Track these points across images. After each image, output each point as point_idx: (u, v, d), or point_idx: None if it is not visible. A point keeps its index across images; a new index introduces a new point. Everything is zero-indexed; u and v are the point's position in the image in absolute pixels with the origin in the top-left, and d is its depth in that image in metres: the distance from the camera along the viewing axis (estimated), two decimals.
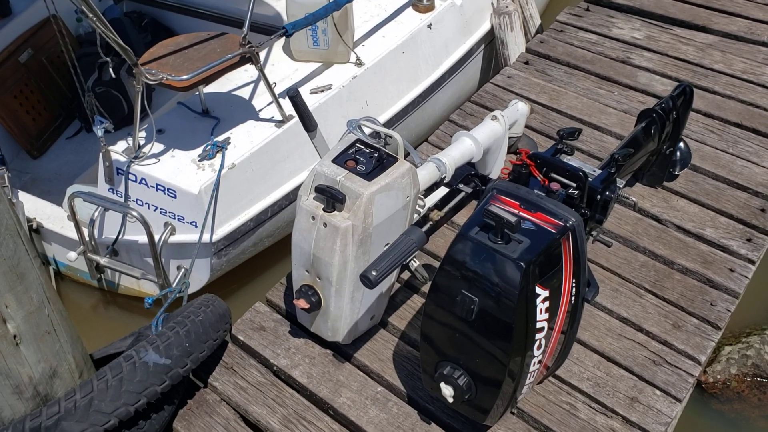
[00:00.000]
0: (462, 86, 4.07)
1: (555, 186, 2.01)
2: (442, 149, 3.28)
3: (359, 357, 2.47)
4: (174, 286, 3.20)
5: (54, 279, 3.56)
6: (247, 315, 2.63)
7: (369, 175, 2.18)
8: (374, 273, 1.91)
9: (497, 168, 3.06)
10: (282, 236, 3.50)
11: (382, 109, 3.58)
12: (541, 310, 1.91)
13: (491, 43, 4.01)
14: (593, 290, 2.04)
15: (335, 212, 2.18)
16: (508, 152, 3.07)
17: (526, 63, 3.75)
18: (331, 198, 2.15)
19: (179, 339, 2.17)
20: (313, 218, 2.20)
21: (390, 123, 3.59)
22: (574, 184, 2.08)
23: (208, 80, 3.03)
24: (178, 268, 3.26)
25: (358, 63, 3.45)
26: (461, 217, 2.49)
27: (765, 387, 2.86)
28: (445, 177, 2.65)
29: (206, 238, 3.08)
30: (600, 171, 2.17)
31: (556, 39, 3.88)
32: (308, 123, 2.27)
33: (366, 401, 2.34)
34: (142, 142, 3.18)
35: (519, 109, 3.02)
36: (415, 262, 2.65)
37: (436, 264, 2.76)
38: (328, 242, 2.18)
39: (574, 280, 1.98)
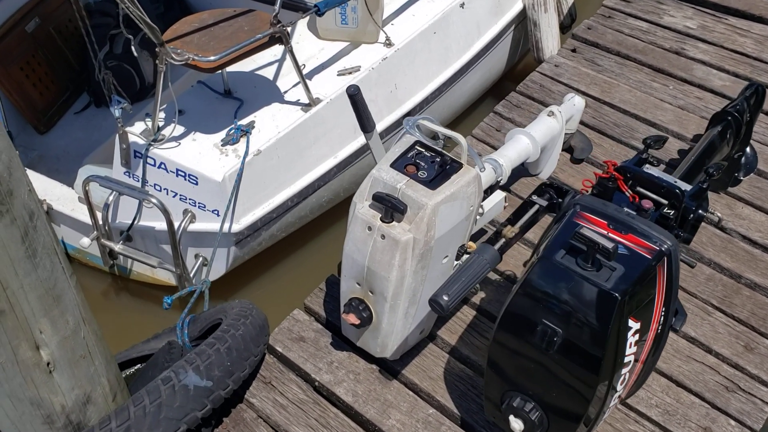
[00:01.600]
0: (491, 68, 3.87)
1: (647, 204, 1.80)
2: (487, 144, 3.07)
3: (408, 374, 2.28)
4: (194, 283, 3.02)
5: None
6: (285, 324, 2.44)
7: (432, 183, 1.98)
8: (446, 298, 1.71)
9: (550, 167, 2.86)
10: (304, 224, 3.31)
11: (411, 93, 3.38)
12: (630, 344, 1.72)
13: (522, 23, 3.79)
14: (681, 318, 1.86)
15: (394, 223, 1.98)
16: (562, 149, 2.86)
17: (574, 51, 3.52)
18: (392, 208, 1.94)
19: (220, 358, 1.97)
20: (370, 228, 1.99)
21: (418, 108, 3.39)
22: (666, 202, 1.87)
23: (234, 61, 2.81)
24: (196, 256, 3.08)
25: (388, 43, 3.23)
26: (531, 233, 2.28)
27: None
28: (501, 180, 2.45)
29: (227, 227, 2.89)
30: (690, 186, 1.96)
31: (605, 26, 3.64)
32: (366, 123, 2.06)
33: (417, 424, 2.16)
34: (161, 124, 2.98)
35: (576, 103, 2.81)
36: (461, 252, 2.45)
37: (494, 278, 2.56)
38: (386, 256, 1.98)
39: (663, 309, 1.79)
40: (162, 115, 3.01)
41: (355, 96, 1.97)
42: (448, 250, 2.08)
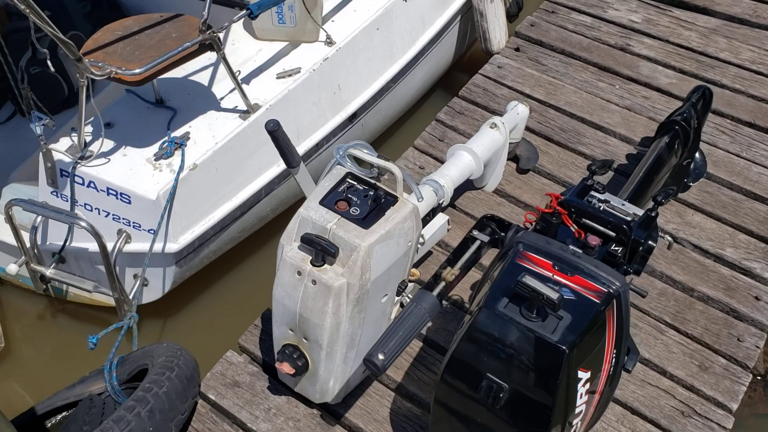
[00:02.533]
0: (438, 62, 3.73)
1: (593, 241, 1.68)
2: (430, 155, 2.93)
3: (351, 417, 2.14)
4: (133, 306, 2.84)
5: None
6: (218, 368, 2.27)
7: (365, 221, 1.82)
8: (381, 357, 1.57)
9: (495, 180, 2.73)
10: (249, 235, 3.13)
11: (355, 93, 3.23)
12: (581, 394, 1.61)
13: (467, 13, 3.65)
14: (633, 358, 1.75)
15: (326, 266, 1.82)
16: (508, 159, 2.73)
17: (517, 50, 3.39)
18: (322, 251, 1.79)
19: (141, 424, 1.80)
20: (300, 273, 1.83)
21: (363, 108, 3.25)
22: (613, 234, 1.75)
23: (163, 72, 2.61)
24: (135, 276, 2.88)
25: (329, 42, 3.06)
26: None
27: None
28: (443, 201, 2.31)
29: (165, 247, 2.71)
30: (639, 209, 1.84)
31: (548, 22, 3.51)
32: (291, 159, 1.89)
33: None
34: (88, 139, 2.77)
35: (519, 112, 2.68)
36: (408, 297, 2.32)
37: None
38: (318, 302, 1.82)
39: (615, 351, 1.68)
40: (89, 129, 2.80)
41: (275, 132, 1.79)
42: (386, 288, 1.94)
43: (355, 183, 1.90)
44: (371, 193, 1.88)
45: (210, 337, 2.99)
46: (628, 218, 1.85)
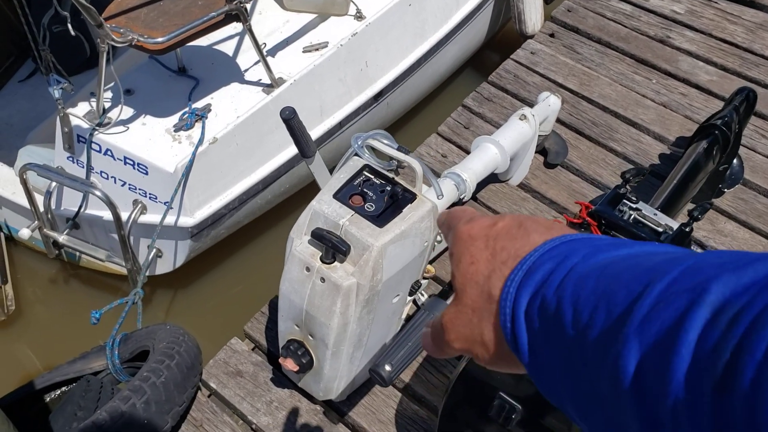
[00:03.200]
0: (469, 41, 3.61)
1: None
2: (454, 143, 2.81)
3: (355, 417, 2.07)
4: (129, 296, 2.79)
5: (5, 245, 3.10)
6: (221, 355, 2.20)
7: (380, 219, 1.72)
8: (388, 368, 1.47)
9: (521, 174, 2.62)
10: (265, 211, 3.06)
11: (383, 71, 3.13)
12: None
13: None
14: None
15: (336, 264, 1.73)
16: (536, 152, 2.61)
17: (552, 35, 3.24)
18: (332, 248, 1.69)
19: (135, 414, 1.74)
20: (308, 269, 1.74)
21: (390, 86, 3.14)
22: None
23: (186, 41, 2.52)
24: (149, 247, 2.83)
25: (359, 16, 2.96)
26: None
27: None
28: (464, 197, 2.20)
29: (181, 221, 2.66)
30: (673, 226, 1.73)
31: (586, 8, 3.35)
32: (306, 148, 1.79)
33: None
34: (107, 105, 2.70)
35: (551, 104, 2.56)
36: (422, 295, 2.23)
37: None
38: (326, 301, 1.74)
39: None
40: (108, 95, 2.73)
41: (290, 120, 1.69)
42: (398, 289, 1.85)
43: (372, 176, 1.80)
44: (388, 188, 1.77)
45: (217, 313, 2.95)
46: (660, 230, 1.74)
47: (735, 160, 2.52)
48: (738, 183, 2.59)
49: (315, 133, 2.92)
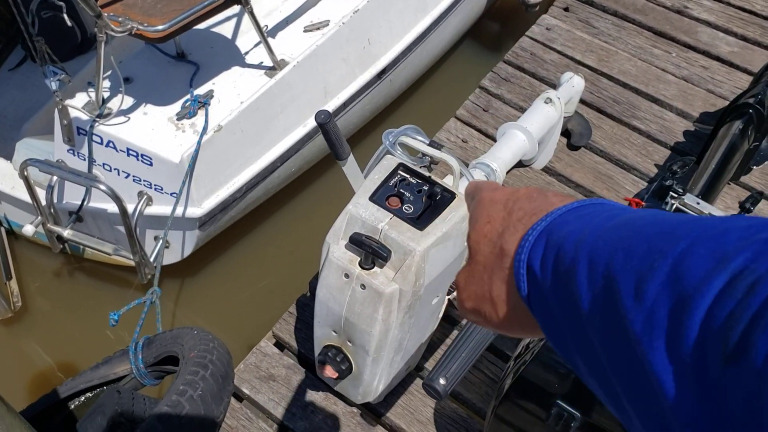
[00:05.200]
0: (469, 12, 3.55)
1: None
2: (473, 127, 2.74)
3: (393, 417, 2.03)
4: (155, 268, 2.74)
5: (6, 239, 3.03)
6: (252, 359, 2.15)
7: (420, 221, 1.66)
8: (443, 382, 1.43)
9: (545, 157, 2.56)
10: (271, 195, 3.01)
11: (386, 47, 3.06)
12: None
13: None
14: None
15: (376, 269, 1.67)
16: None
17: (566, 9, 3.15)
18: (372, 254, 1.63)
19: None
20: (347, 276, 1.68)
21: (393, 63, 3.08)
22: None
23: (187, 28, 2.44)
24: (156, 238, 2.79)
25: None
26: None
27: None
28: None
29: (189, 212, 2.60)
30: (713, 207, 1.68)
31: None
32: (340, 151, 1.72)
33: None
34: (106, 95, 2.62)
35: (575, 85, 2.48)
36: (452, 288, 2.18)
37: None
38: (367, 308, 1.68)
39: None
40: (107, 84, 2.65)
41: (326, 124, 1.61)
42: (439, 290, 1.79)
43: (408, 176, 1.73)
44: (425, 187, 1.71)
45: (231, 299, 2.91)
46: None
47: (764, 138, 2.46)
48: (767, 159, 2.53)
49: None
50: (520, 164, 2.55)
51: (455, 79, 3.65)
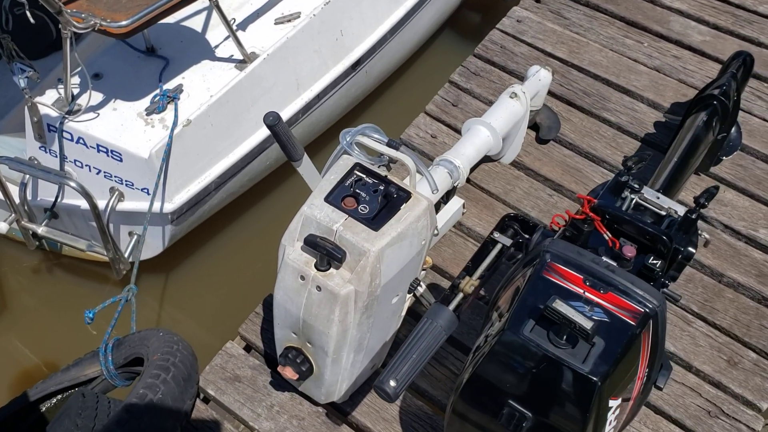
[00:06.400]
0: (446, 2, 3.51)
1: (629, 252, 1.52)
2: (443, 122, 2.72)
3: (358, 416, 2.03)
4: (129, 263, 2.75)
5: None
6: (218, 360, 2.14)
7: (375, 221, 1.65)
8: (393, 384, 1.43)
9: (513, 152, 2.55)
10: (248, 189, 3.00)
11: (359, 39, 3.05)
12: (610, 421, 1.47)
13: None
14: (666, 374, 1.61)
15: (331, 270, 1.66)
16: (527, 127, 2.53)
17: (538, 0, 3.12)
18: (327, 255, 1.62)
19: None
20: (303, 278, 1.68)
21: (367, 54, 3.07)
22: (649, 243, 1.58)
23: (152, 22, 2.42)
24: (130, 234, 2.79)
25: None
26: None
27: None
28: (458, 183, 2.13)
29: (160, 207, 2.61)
30: (676, 210, 1.67)
31: None
32: (293, 152, 1.71)
33: None
34: (75, 91, 2.62)
35: (541, 78, 2.47)
36: (420, 286, 2.17)
37: (444, 282, 2.28)
38: (324, 310, 1.67)
39: (647, 371, 1.53)
40: (76, 80, 2.65)
41: (275, 126, 1.60)
42: (398, 289, 1.79)
43: (364, 176, 1.72)
44: (381, 187, 1.70)
45: (206, 298, 2.91)
46: (663, 213, 1.68)
47: (733, 129, 2.45)
48: (736, 150, 2.53)
49: (292, 107, 2.85)
50: (488, 159, 2.54)
51: (435, 72, 3.63)
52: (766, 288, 2.28)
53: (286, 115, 2.84)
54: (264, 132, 2.78)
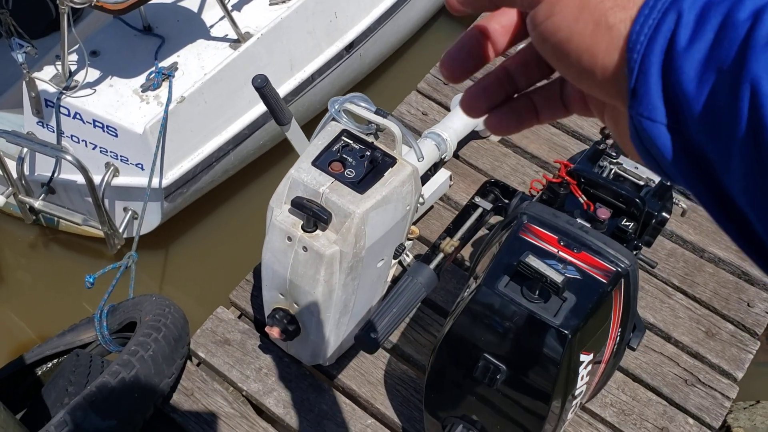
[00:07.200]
0: None
1: (603, 214, 1.57)
2: (434, 100, 2.78)
3: (344, 379, 2.09)
4: (123, 238, 2.82)
5: None
6: (208, 324, 2.20)
7: (361, 185, 1.71)
8: (373, 336, 1.49)
9: None
10: (243, 167, 3.05)
11: (353, 21, 3.09)
12: (582, 376, 1.53)
13: None
14: (639, 335, 1.66)
15: (318, 232, 1.72)
16: None
17: None
18: (313, 216, 1.68)
19: (125, 389, 1.74)
20: (290, 239, 1.73)
21: (362, 37, 3.11)
22: (623, 205, 1.64)
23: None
24: (125, 209, 2.85)
25: None
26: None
27: None
28: (446, 156, 2.19)
29: (155, 182, 2.65)
30: (655, 179, 1.73)
31: None
32: (281, 116, 1.76)
33: None
34: (73, 68, 2.67)
35: None
36: (407, 255, 2.22)
37: None
38: (309, 270, 1.73)
39: (620, 329, 1.59)
40: (74, 57, 2.70)
41: (263, 88, 1.66)
42: (383, 253, 1.84)
43: (351, 141, 1.78)
44: (368, 153, 1.76)
45: (199, 275, 2.95)
46: (641, 183, 1.74)
47: None
48: None
49: (286, 87, 2.90)
50: (477, 136, 2.59)
51: (430, 56, 3.68)
52: (745, 263, 2.33)
53: (281, 93, 2.89)
54: (257, 111, 2.84)
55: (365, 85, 3.49)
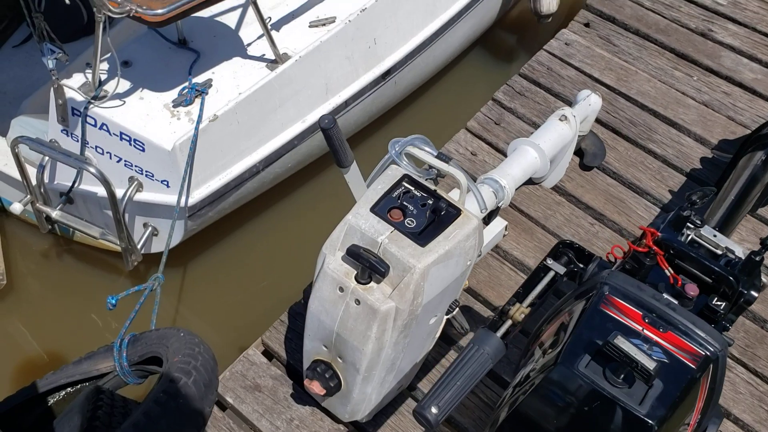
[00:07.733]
0: (482, 18, 3.48)
1: (692, 290, 1.43)
2: (484, 140, 2.65)
3: None
4: (141, 254, 2.71)
5: None
6: (238, 367, 2.06)
7: (422, 237, 1.58)
8: (435, 411, 1.35)
9: (556, 176, 2.47)
10: (265, 190, 2.94)
11: (391, 49, 3.01)
12: None
13: None
14: (717, 422, 1.52)
15: (372, 284, 1.59)
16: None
17: (587, 25, 3.06)
18: (370, 268, 1.55)
19: None
20: (342, 290, 1.60)
21: (398, 65, 3.02)
22: (712, 281, 1.50)
23: (188, 13, 2.38)
24: (145, 225, 2.73)
25: None
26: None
27: None
28: (502, 204, 2.05)
29: (182, 201, 2.53)
30: (734, 250, 1.59)
31: None
32: (343, 158, 1.64)
33: None
34: (103, 77, 2.58)
35: (592, 103, 2.40)
36: (452, 308, 2.09)
37: (477, 306, 2.20)
38: (360, 325, 1.60)
39: (699, 418, 1.45)
40: (104, 66, 2.61)
41: (329, 130, 1.53)
42: (437, 310, 1.71)
43: (412, 188, 1.65)
44: (430, 201, 1.63)
45: (222, 295, 2.83)
46: (719, 252, 1.60)
47: None
48: None
49: (319, 112, 2.80)
50: (530, 182, 2.47)
51: (463, 87, 3.58)
52: None
53: (312, 118, 2.79)
54: (289, 134, 2.74)
55: (396, 113, 3.39)
